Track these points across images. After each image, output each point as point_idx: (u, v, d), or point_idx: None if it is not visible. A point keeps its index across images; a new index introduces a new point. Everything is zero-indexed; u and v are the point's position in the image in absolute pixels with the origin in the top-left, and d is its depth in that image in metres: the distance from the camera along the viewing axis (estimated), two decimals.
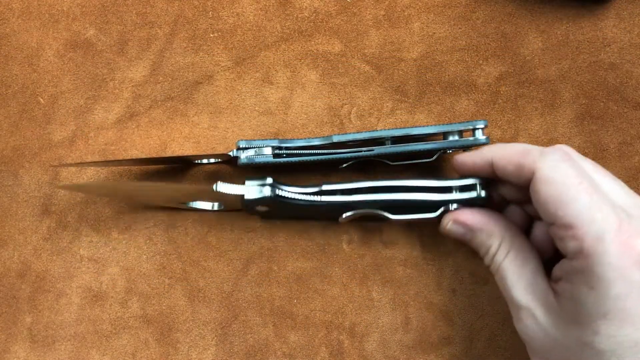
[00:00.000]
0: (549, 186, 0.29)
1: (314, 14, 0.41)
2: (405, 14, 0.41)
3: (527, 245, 0.33)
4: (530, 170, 0.30)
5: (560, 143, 0.34)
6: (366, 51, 0.41)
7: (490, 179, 0.35)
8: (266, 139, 0.37)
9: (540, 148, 0.31)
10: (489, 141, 0.36)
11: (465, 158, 0.35)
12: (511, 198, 0.35)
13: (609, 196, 0.29)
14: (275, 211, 0.38)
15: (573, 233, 0.27)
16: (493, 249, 0.33)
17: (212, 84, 0.41)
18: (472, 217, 0.34)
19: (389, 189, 0.36)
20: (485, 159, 0.33)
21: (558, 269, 0.30)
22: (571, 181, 0.28)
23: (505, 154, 0.32)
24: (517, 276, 0.31)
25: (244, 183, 0.36)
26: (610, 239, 0.27)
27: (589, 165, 0.31)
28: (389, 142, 0.37)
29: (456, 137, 0.37)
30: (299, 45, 0.41)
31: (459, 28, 0.41)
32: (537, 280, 0.31)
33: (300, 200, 0.36)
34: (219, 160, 0.39)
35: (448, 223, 0.35)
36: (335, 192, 0.36)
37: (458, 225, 0.35)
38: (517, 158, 0.31)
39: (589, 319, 0.27)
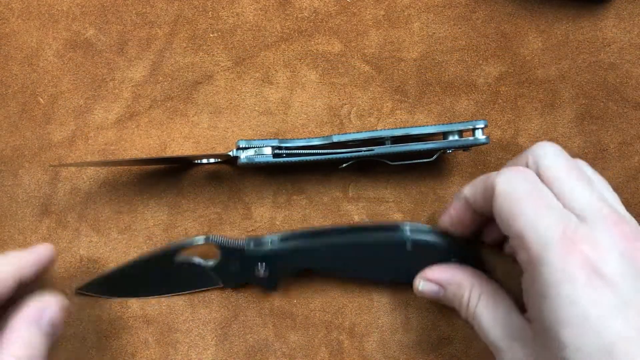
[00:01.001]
0: (502, 199, 0.30)
1: (314, 14, 0.41)
2: (405, 14, 0.41)
3: (497, 288, 0.34)
4: (493, 191, 0.31)
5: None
6: (366, 51, 0.41)
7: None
8: (266, 139, 0.37)
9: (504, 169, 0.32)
10: (488, 141, 0.36)
11: (447, 211, 0.36)
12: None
13: (569, 203, 0.29)
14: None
15: (521, 243, 0.28)
16: (465, 298, 0.34)
17: (212, 84, 0.41)
18: (441, 273, 0.35)
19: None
20: (462, 199, 0.34)
21: (524, 294, 0.30)
22: (519, 194, 0.29)
23: (472, 186, 0.33)
24: (492, 319, 0.32)
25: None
26: (554, 244, 0.27)
27: (559, 172, 0.31)
28: (389, 142, 0.37)
29: (456, 137, 0.37)
30: (299, 45, 0.41)
31: (459, 28, 0.41)
32: (512, 317, 0.31)
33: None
34: (219, 160, 0.39)
35: (420, 283, 0.36)
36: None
37: (430, 283, 0.35)
38: (481, 185, 0.32)
39: (553, 333, 0.27)
